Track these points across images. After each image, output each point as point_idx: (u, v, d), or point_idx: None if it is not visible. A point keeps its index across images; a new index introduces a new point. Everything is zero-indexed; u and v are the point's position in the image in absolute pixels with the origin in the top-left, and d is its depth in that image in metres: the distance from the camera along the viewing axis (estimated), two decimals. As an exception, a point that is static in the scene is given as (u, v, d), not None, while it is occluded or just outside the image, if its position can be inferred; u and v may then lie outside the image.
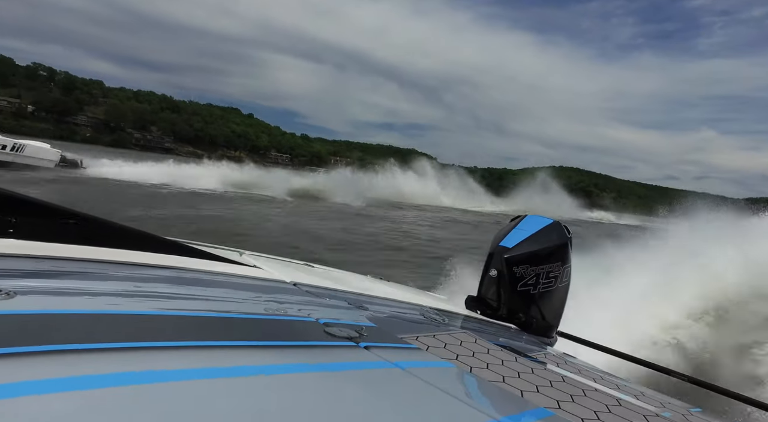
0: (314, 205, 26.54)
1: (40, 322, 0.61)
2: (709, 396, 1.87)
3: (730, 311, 6.23)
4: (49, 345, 0.53)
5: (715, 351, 5.87)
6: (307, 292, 1.19)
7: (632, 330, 5.67)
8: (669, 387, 3.64)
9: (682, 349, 5.85)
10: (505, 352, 1.13)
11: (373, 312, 1.15)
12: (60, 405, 0.42)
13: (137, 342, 0.62)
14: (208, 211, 17.59)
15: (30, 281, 0.80)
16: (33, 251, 0.92)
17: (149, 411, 0.45)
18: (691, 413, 1.08)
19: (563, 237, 1.85)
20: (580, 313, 5.22)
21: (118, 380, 0.50)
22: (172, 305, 0.83)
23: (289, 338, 0.82)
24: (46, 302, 0.70)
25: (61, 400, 0.43)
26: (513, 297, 1.77)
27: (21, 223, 0.98)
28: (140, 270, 1.01)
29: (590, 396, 0.95)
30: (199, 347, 0.66)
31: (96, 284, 0.86)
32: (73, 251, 0.98)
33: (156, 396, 0.48)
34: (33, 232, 0.98)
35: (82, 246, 1.01)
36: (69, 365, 0.50)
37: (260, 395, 0.55)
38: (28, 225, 0.99)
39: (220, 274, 1.15)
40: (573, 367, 1.22)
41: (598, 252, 8.28)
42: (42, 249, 0.94)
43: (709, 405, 2.80)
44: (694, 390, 1.86)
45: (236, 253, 1.52)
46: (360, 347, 0.82)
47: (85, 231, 1.07)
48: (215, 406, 0.49)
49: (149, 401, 0.47)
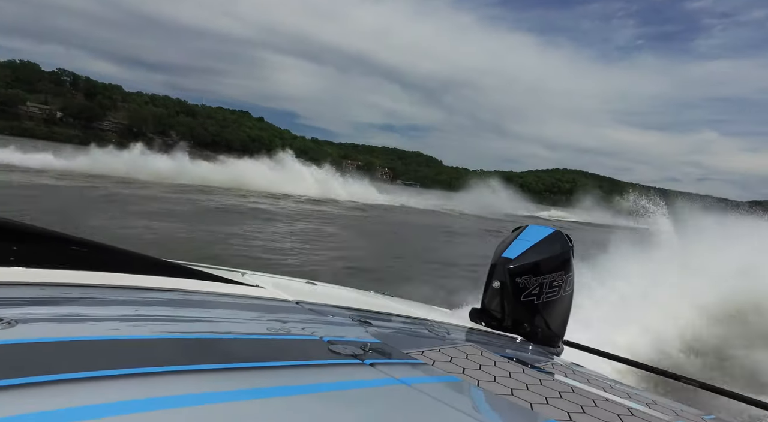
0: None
1: (42, 351, 0.61)
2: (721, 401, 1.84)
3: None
4: (50, 375, 0.53)
5: (724, 355, 5.83)
6: (310, 310, 1.18)
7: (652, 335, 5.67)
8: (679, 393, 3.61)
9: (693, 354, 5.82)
10: (512, 364, 1.12)
11: (377, 328, 1.14)
12: None
13: (140, 367, 0.61)
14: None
15: (31, 309, 0.79)
16: (34, 278, 0.91)
17: None
18: (705, 420, 1.06)
19: (565, 246, 1.85)
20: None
21: (121, 408, 0.49)
22: (174, 328, 0.82)
23: (293, 357, 0.81)
24: (48, 330, 0.70)
25: None
26: (517, 308, 1.76)
27: (22, 251, 0.98)
28: (142, 294, 1.00)
29: (601, 407, 0.94)
30: (202, 371, 0.65)
31: (98, 309, 0.85)
32: (74, 277, 0.97)
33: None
34: (34, 260, 0.98)
35: (84, 272, 1.01)
36: (71, 395, 0.50)
37: (267, 418, 0.54)
38: (29, 253, 0.99)
39: (223, 295, 1.15)
40: (582, 377, 1.21)
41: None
42: (43, 276, 0.94)
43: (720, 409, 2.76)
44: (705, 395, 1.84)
45: (238, 274, 1.51)
46: (365, 364, 0.81)
47: (86, 256, 1.06)
48: None
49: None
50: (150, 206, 14.94)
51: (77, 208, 13.12)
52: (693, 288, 6.69)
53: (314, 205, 25.79)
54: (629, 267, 7.82)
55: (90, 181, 20.71)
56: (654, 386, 3.83)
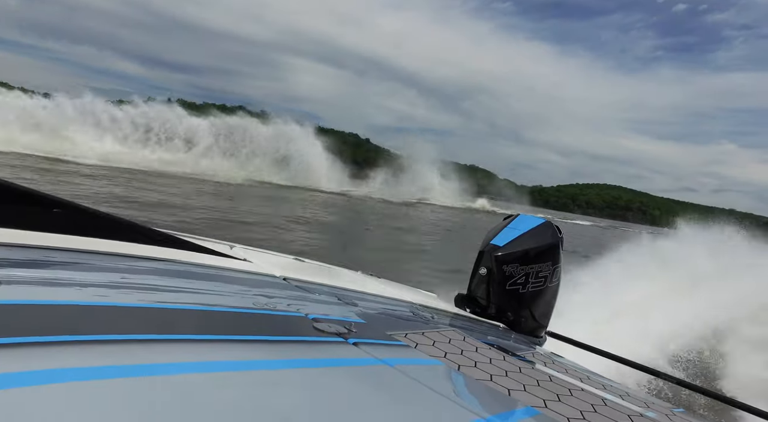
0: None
1: (26, 313, 0.60)
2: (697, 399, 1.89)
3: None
4: (33, 337, 0.53)
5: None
6: (296, 287, 1.19)
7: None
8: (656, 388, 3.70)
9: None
10: (493, 351, 1.13)
11: (362, 309, 1.15)
12: (43, 398, 0.42)
13: (123, 334, 0.61)
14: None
15: (17, 271, 0.79)
16: (20, 240, 0.90)
17: (134, 404, 0.45)
18: (674, 413, 1.09)
19: (554, 238, 1.86)
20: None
21: (103, 373, 0.49)
22: (160, 298, 0.82)
23: (277, 333, 0.81)
24: (33, 292, 0.69)
25: (45, 392, 0.43)
26: (502, 296, 1.78)
27: (8, 211, 0.97)
28: (129, 262, 1.00)
29: (576, 396, 0.96)
30: (185, 340, 0.65)
31: (84, 275, 0.85)
32: (61, 241, 0.96)
33: (141, 390, 0.48)
34: (21, 221, 0.97)
35: (71, 236, 1.00)
36: (53, 357, 0.50)
37: (247, 390, 0.55)
38: (15, 214, 0.97)
39: (210, 267, 1.14)
40: (560, 367, 1.23)
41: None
42: (30, 238, 0.93)
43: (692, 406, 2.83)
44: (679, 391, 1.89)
45: (227, 246, 1.51)
46: (348, 343, 0.82)
47: (74, 220, 1.05)
48: (201, 400, 0.49)
49: (134, 394, 0.47)
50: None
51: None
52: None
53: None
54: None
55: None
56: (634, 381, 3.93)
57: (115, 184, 15.78)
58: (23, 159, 18.68)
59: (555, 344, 1.95)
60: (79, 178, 16.09)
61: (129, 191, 14.73)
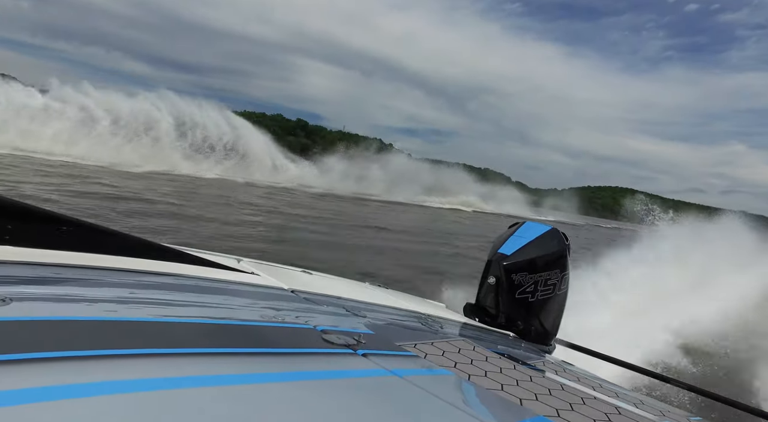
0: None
1: (36, 329, 0.61)
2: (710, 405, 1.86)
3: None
4: (43, 353, 0.53)
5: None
6: (304, 299, 1.19)
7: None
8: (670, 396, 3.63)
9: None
10: (503, 360, 1.12)
11: (371, 320, 1.14)
12: (53, 414, 0.42)
13: (132, 349, 0.61)
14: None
15: (26, 287, 0.79)
16: (30, 258, 0.91)
17: (144, 419, 0.45)
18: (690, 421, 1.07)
19: (561, 245, 1.85)
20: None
21: (113, 387, 0.49)
22: (168, 312, 0.82)
23: (286, 345, 0.81)
24: (42, 309, 0.70)
25: (54, 409, 0.43)
26: (511, 305, 1.76)
27: (17, 230, 0.98)
28: (137, 277, 1.00)
29: (589, 405, 0.95)
30: (195, 354, 0.65)
31: (93, 291, 0.85)
32: (70, 258, 0.97)
33: (151, 405, 0.48)
34: (30, 239, 0.98)
35: (79, 253, 1.01)
36: (63, 373, 0.50)
37: (257, 403, 0.55)
38: (24, 232, 0.98)
39: (218, 281, 1.15)
40: (572, 375, 1.22)
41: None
42: (39, 255, 0.93)
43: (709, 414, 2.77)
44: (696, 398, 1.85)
45: (234, 260, 1.51)
46: (358, 354, 0.82)
47: (82, 237, 1.06)
48: (211, 414, 0.49)
49: (144, 409, 0.47)
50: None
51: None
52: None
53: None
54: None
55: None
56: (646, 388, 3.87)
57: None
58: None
59: (565, 352, 1.93)
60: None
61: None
